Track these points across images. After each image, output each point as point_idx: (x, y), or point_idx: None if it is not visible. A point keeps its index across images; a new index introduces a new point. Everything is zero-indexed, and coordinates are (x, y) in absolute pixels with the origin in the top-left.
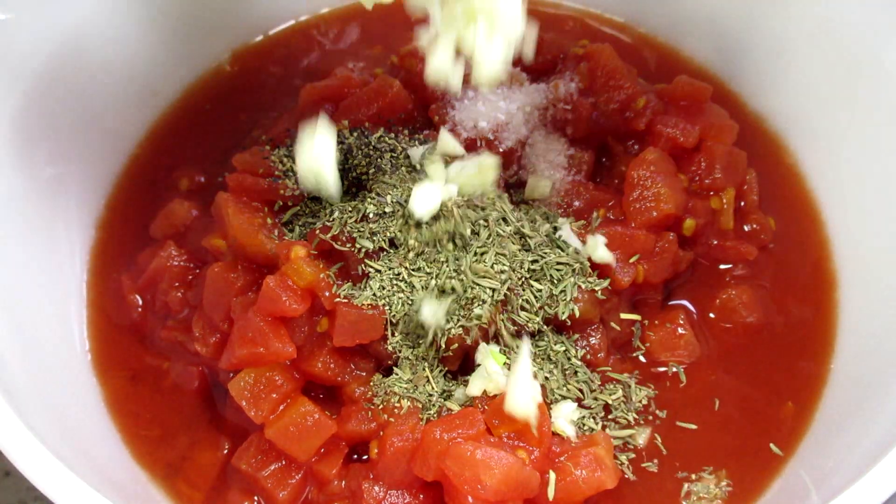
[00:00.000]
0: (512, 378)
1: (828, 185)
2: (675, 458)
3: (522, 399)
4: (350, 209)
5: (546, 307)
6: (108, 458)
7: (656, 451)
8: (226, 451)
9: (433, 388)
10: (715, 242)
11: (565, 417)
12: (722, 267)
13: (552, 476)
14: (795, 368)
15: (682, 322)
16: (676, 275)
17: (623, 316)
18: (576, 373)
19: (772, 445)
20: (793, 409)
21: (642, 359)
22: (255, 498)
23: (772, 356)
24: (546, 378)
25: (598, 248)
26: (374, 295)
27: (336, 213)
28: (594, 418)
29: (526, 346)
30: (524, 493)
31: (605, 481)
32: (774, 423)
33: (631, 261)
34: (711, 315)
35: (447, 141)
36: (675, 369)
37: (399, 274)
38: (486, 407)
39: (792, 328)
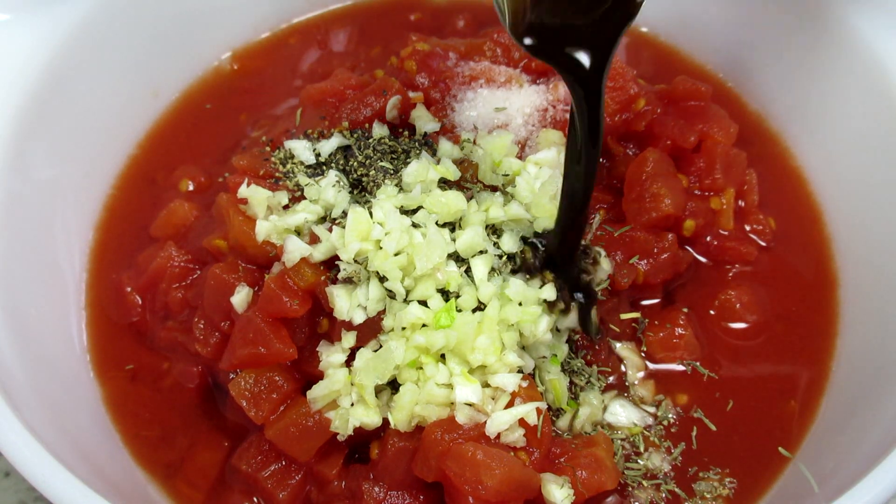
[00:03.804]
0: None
1: (828, 185)
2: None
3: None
4: None
5: None
6: (108, 459)
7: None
8: (226, 452)
9: None
10: (715, 243)
11: (587, 419)
12: (722, 267)
13: (564, 482)
14: (797, 368)
15: (682, 322)
16: (676, 275)
17: (623, 316)
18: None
19: (780, 449)
20: (796, 408)
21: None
22: (255, 498)
23: (773, 356)
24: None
25: (603, 265)
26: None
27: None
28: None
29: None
30: (525, 494)
31: (606, 482)
32: (777, 422)
33: (631, 262)
34: (711, 313)
35: (446, 145)
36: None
37: None
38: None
39: (793, 328)
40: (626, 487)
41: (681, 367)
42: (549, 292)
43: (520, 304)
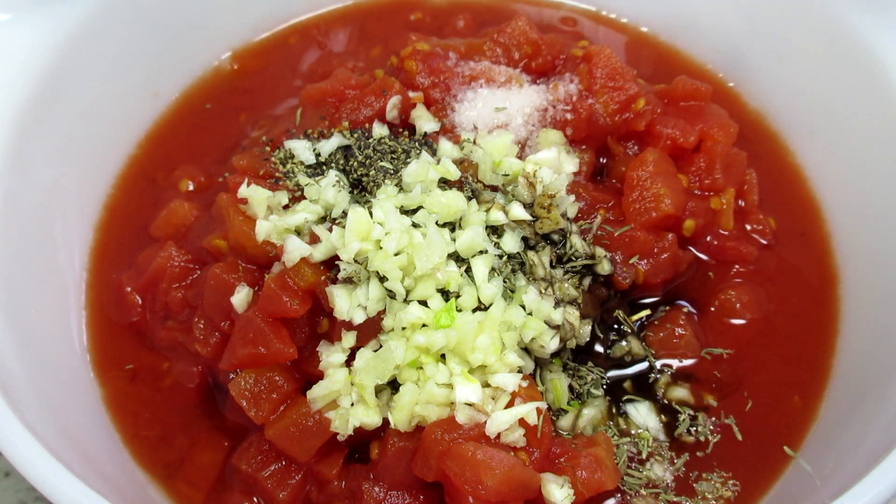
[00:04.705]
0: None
1: (828, 183)
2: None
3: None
4: None
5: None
6: (108, 459)
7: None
8: (226, 452)
9: None
10: (715, 243)
11: (589, 420)
12: (722, 267)
13: (564, 482)
14: (798, 366)
15: (682, 322)
16: (676, 275)
17: (634, 317)
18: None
19: (785, 448)
20: (800, 404)
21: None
22: (255, 498)
23: (774, 355)
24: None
25: (603, 265)
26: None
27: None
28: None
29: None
30: (525, 494)
31: (606, 482)
32: (780, 420)
33: (631, 262)
34: (712, 311)
35: (446, 145)
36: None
37: None
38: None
39: (794, 326)
40: (625, 495)
41: (688, 363)
42: (559, 315)
43: (530, 313)
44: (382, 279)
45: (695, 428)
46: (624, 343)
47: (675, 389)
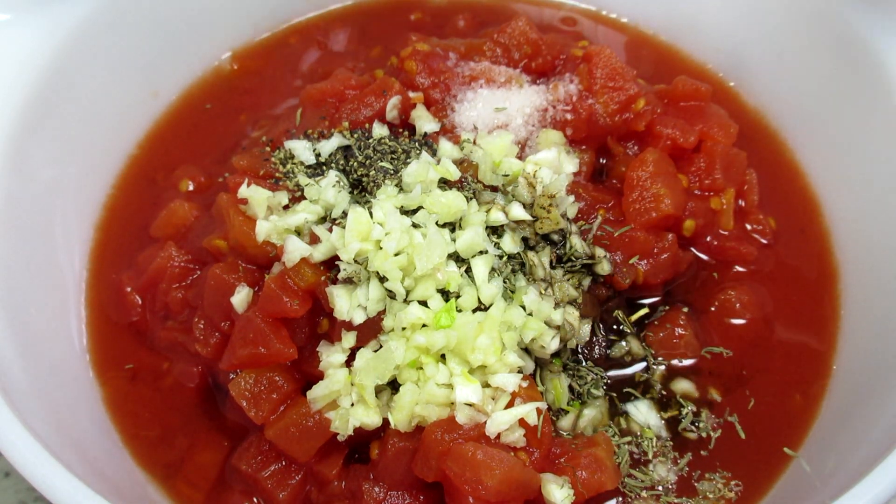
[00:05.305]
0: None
1: (828, 180)
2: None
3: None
4: None
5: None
6: (108, 459)
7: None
8: (226, 452)
9: None
10: (715, 243)
11: (590, 421)
12: (723, 267)
13: (564, 482)
14: (800, 364)
15: (682, 322)
16: (676, 275)
17: (633, 317)
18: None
19: (786, 449)
20: (801, 402)
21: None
22: (255, 498)
23: (775, 353)
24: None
25: (603, 265)
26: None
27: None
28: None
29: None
30: (524, 494)
31: (606, 482)
32: (780, 419)
33: (631, 262)
34: (712, 311)
35: (446, 145)
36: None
37: None
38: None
39: (794, 325)
40: (626, 497)
41: (688, 363)
42: (558, 316)
43: (530, 313)
44: (382, 279)
45: (697, 424)
46: (624, 343)
47: (680, 381)
